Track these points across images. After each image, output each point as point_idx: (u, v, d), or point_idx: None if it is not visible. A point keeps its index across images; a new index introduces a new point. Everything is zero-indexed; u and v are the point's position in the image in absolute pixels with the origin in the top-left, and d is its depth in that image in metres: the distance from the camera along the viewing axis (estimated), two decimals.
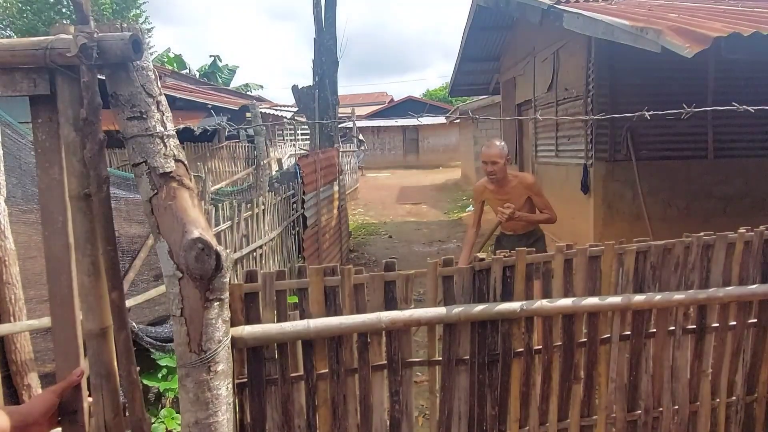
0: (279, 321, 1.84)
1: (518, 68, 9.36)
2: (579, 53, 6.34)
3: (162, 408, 3.11)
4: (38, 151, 1.35)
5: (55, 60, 1.27)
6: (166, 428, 2.93)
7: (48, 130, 1.34)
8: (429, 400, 2.11)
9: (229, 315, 1.48)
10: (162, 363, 3.04)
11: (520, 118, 3.65)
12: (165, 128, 1.34)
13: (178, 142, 1.40)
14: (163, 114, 1.36)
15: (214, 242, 1.31)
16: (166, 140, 1.34)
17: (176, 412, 3.04)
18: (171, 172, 1.33)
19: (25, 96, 1.34)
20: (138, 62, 1.30)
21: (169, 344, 2.98)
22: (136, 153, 1.32)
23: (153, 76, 1.34)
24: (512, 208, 3.65)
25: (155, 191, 1.32)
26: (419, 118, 1.94)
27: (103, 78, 1.32)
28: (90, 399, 1.42)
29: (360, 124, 24.17)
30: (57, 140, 1.34)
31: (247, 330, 1.75)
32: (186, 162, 1.40)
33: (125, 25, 1.30)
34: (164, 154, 1.33)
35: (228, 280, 1.41)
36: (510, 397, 2.08)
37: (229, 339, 1.48)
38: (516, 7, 6.65)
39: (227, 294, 1.42)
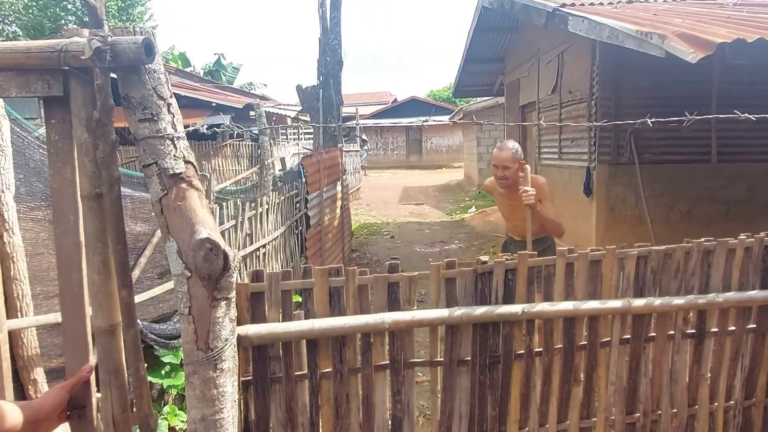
0: (284, 320, 1.87)
1: (522, 70, 9.38)
2: (583, 56, 6.35)
3: (165, 404, 3.13)
4: (51, 151, 1.38)
5: (69, 62, 1.30)
6: (169, 425, 2.96)
7: (61, 130, 1.37)
8: (430, 401, 2.13)
9: (236, 314, 1.51)
10: (165, 360, 3.06)
11: (524, 123, 3.60)
12: (175, 130, 1.37)
13: (187, 143, 1.43)
14: (174, 116, 1.38)
15: (222, 242, 1.34)
16: (176, 142, 1.37)
17: (179, 409, 3.07)
18: (181, 173, 1.35)
19: (38, 97, 1.37)
20: (150, 65, 1.33)
21: (172, 341, 3.01)
22: (147, 154, 1.35)
23: (164, 79, 1.37)
24: (533, 194, 3.21)
25: (165, 192, 1.34)
26: (424, 122, 1.96)
27: (115, 77, 1.35)
28: (99, 395, 1.45)
29: (363, 123, 24.18)
30: (70, 141, 1.37)
31: (252, 329, 1.78)
32: (195, 163, 1.43)
33: (137, 28, 1.33)
34: (174, 156, 1.35)
35: (235, 279, 1.44)
36: (510, 399, 2.10)
37: (236, 337, 1.50)
38: (521, 9, 6.67)
39: (234, 293, 1.45)
